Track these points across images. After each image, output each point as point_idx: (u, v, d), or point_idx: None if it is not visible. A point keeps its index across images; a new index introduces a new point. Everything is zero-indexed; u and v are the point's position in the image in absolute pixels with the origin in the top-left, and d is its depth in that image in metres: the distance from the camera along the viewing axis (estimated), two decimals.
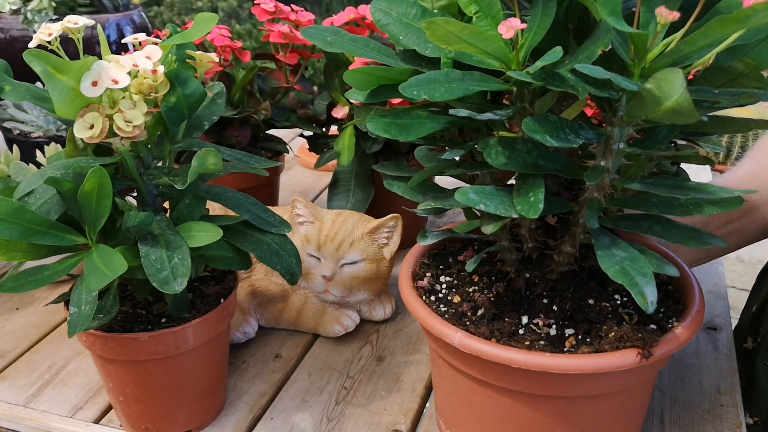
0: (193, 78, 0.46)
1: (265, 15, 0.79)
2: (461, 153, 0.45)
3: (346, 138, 0.76)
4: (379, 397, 0.61)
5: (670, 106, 0.34)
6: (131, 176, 0.49)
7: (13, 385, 0.63)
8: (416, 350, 0.68)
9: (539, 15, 0.40)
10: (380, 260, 0.67)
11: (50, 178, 0.44)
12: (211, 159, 0.45)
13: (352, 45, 0.47)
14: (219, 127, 0.81)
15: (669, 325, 0.46)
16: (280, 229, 0.53)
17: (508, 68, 0.41)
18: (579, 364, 0.42)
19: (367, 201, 0.79)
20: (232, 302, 0.56)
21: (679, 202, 0.42)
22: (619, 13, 0.36)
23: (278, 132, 0.96)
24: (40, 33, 0.47)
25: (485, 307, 0.49)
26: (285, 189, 1.07)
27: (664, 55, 0.37)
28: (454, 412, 0.52)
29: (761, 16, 0.31)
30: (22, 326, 0.72)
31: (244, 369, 0.65)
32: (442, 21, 0.37)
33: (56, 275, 0.46)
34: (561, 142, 0.38)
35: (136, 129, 0.44)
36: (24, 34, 1.15)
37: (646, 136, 0.44)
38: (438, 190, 0.50)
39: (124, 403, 0.55)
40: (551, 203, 0.42)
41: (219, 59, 0.79)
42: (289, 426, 0.58)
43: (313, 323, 0.69)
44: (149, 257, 0.45)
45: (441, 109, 0.45)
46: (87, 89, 0.42)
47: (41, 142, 0.96)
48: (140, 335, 0.50)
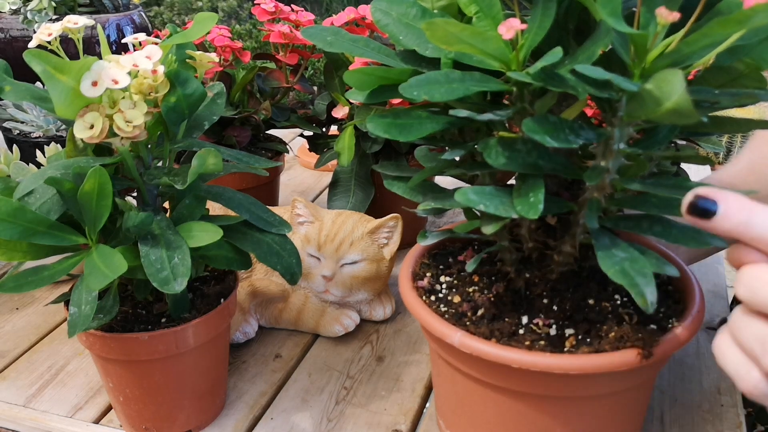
0: (193, 78, 0.46)
1: (265, 15, 0.79)
2: (461, 153, 0.45)
3: (346, 138, 0.76)
4: (379, 397, 0.61)
5: (670, 107, 0.34)
6: (131, 176, 0.49)
7: (13, 385, 0.63)
8: (416, 350, 0.68)
9: (539, 15, 0.40)
10: (380, 260, 0.67)
11: (50, 178, 0.44)
12: (211, 159, 0.45)
13: (352, 45, 0.47)
14: (219, 127, 0.81)
15: (669, 325, 0.46)
16: (280, 229, 0.53)
17: (508, 69, 0.41)
18: (579, 364, 0.42)
19: (367, 201, 0.79)
20: (232, 302, 0.56)
21: (679, 203, 0.42)
22: (619, 13, 0.36)
23: (278, 132, 0.96)
24: (40, 33, 0.48)
25: (485, 307, 0.49)
26: (285, 189, 1.07)
27: (664, 56, 0.37)
28: (454, 412, 0.52)
29: (762, 17, 0.31)
30: (22, 326, 0.72)
31: (244, 369, 0.65)
32: (442, 21, 0.37)
33: (56, 275, 0.46)
34: (561, 142, 0.38)
35: (136, 129, 0.44)
36: (24, 34, 1.15)
37: (646, 137, 0.43)
38: (438, 190, 0.50)
39: (124, 403, 0.55)
40: (551, 203, 0.42)
41: (219, 59, 0.79)
42: (289, 426, 0.58)
43: (313, 323, 0.69)
44: (149, 257, 0.45)
45: (441, 110, 0.45)
46: (87, 89, 0.42)
47: (41, 142, 0.96)
48: (140, 335, 0.50)
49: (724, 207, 0.33)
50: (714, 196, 0.33)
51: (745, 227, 0.33)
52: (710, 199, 0.33)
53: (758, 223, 0.33)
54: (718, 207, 0.33)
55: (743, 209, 0.33)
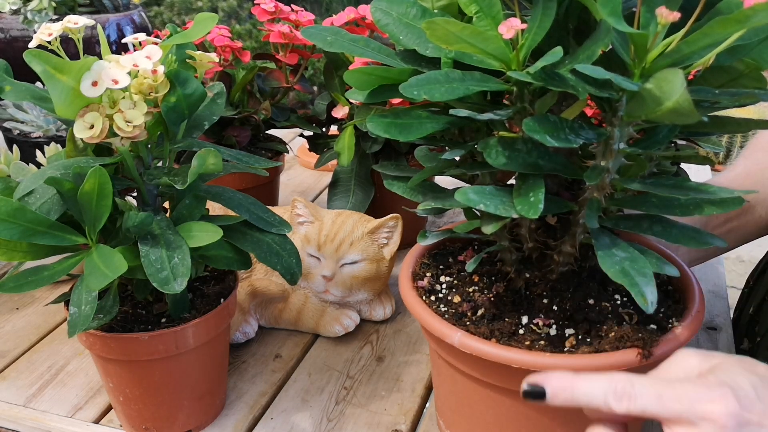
0: (193, 78, 0.46)
1: (265, 15, 0.79)
2: (461, 153, 0.45)
3: (346, 138, 0.76)
4: (379, 397, 0.61)
5: (670, 107, 0.34)
6: (131, 176, 0.49)
7: (13, 385, 0.63)
8: (416, 350, 0.68)
9: (539, 15, 0.40)
10: (380, 260, 0.67)
11: (50, 178, 0.44)
12: (211, 159, 0.45)
13: (352, 45, 0.47)
14: (219, 127, 0.81)
15: (669, 325, 0.46)
16: (280, 229, 0.53)
17: (509, 68, 0.41)
18: (579, 364, 0.42)
19: (367, 201, 0.79)
20: (232, 302, 0.56)
21: (679, 202, 0.42)
22: (619, 13, 0.36)
23: (278, 132, 0.96)
24: (40, 33, 0.47)
25: (485, 307, 0.49)
26: (285, 189, 1.07)
27: (665, 56, 0.37)
28: (454, 412, 0.52)
29: (762, 17, 0.31)
30: (22, 326, 0.72)
31: (244, 369, 0.65)
32: (442, 21, 0.37)
33: (56, 275, 0.46)
34: (561, 142, 0.38)
35: (136, 129, 0.44)
36: (24, 34, 1.15)
37: (646, 136, 0.43)
38: (438, 190, 0.50)
39: (124, 403, 0.55)
40: (551, 203, 0.42)
41: (219, 59, 0.79)
42: (289, 426, 0.58)
43: (313, 323, 0.69)
44: (149, 257, 0.45)
45: (441, 109, 0.45)
46: (87, 89, 0.42)
47: (41, 142, 0.96)
48: (140, 335, 0.50)
49: (550, 389, 0.37)
50: (540, 382, 0.38)
51: (572, 400, 0.37)
52: (538, 385, 0.38)
53: (580, 395, 0.37)
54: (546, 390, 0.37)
55: (566, 388, 0.37)
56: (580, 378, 0.37)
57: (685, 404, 0.35)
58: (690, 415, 0.34)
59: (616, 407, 0.36)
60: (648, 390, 0.36)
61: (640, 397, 0.36)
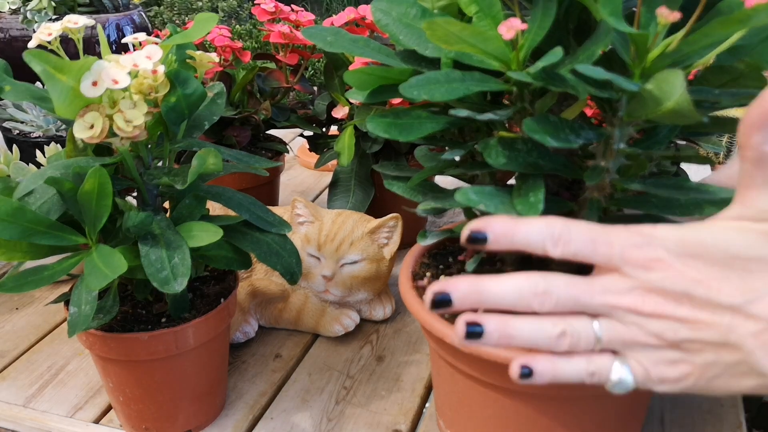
0: (193, 78, 0.46)
1: (265, 15, 0.79)
2: (461, 153, 0.45)
3: (346, 138, 0.76)
4: (379, 397, 0.61)
5: (671, 107, 0.34)
6: (131, 176, 0.49)
7: (13, 385, 0.63)
8: (416, 350, 0.68)
9: (539, 15, 0.40)
10: (380, 260, 0.67)
11: (50, 178, 0.44)
12: (211, 159, 0.45)
13: (352, 45, 0.47)
14: (219, 127, 0.81)
15: None
16: (280, 229, 0.53)
17: (509, 68, 0.41)
18: None
19: (367, 201, 0.79)
20: (232, 302, 0.56)
21: (679, 203, 0.42)
22: (619, 13, 0.36)
23: (278, 132, 0.96)
24: (40, 33, 0.47)
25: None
26: (285, 189, 1.07)
27: (665, 56, 0.37)
28: (454, 412, 0.52)
29: (762, 17, 0.31)
30: (22, 326, 0.72)
31: (244, 369, 0.65)
32: (442, 21, 0.37)
33: (56, 275, 0.46)
34: (561, 142, 0.38)
35: (136, 129, 0.44)
36: (24, 34, 1.15)
37: (646, 136, 0.43)
38: (438, 190, 0.50)
39: (124, 403, 0.55)
40: (551, 203, 0.42)
41: (219, 59, 0.79)
42: (289, 426, 0.58)
43: (313, 323, 0.69)
44: (149, 257, 0.45)
45: (441, 109, 0.45)
46: (87, 89, 0.42)
47: (41, 142, 0.96)
48: (140, 335, 0.50)
49: (491, 235, 0.36)
50: (482, 228, 0.37)
51: (511, 245, 0.36)
52: (480, 231, 0.37)
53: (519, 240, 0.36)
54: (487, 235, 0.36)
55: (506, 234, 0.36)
56: (520, 223, 0.36)
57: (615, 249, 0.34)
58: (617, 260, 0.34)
59: (552, 251, 0.35)
60: (583, 235, 0.35)
61: (575, 241, 0.35)
